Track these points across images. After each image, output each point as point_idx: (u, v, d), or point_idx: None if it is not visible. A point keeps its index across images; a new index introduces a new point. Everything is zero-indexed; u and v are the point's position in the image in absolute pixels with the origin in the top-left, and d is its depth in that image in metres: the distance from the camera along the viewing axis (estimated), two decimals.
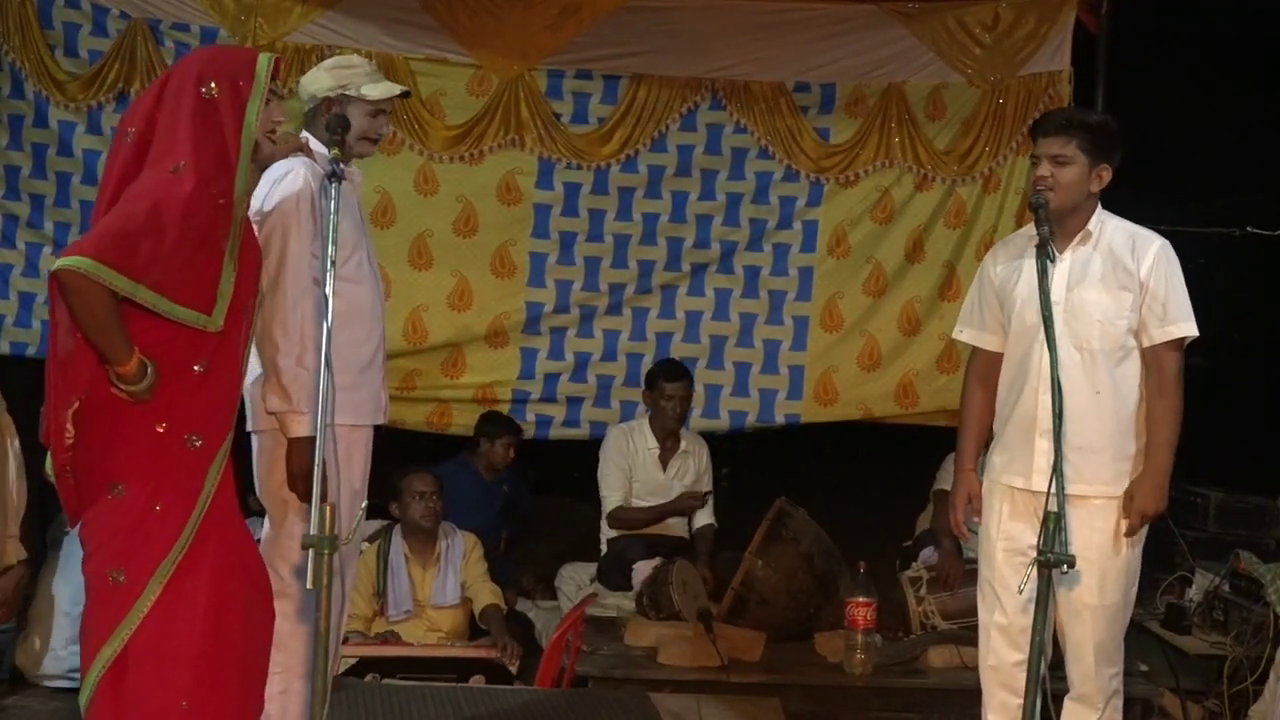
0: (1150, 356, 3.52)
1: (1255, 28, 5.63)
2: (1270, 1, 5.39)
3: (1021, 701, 3.26)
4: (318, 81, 3.57)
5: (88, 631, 3.04)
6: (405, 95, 3.73)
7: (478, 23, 5.74)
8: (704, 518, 5.70)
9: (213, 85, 3.07)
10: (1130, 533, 3.49)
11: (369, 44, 5.70)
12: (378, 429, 3.70)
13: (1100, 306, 3.50)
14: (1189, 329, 3.50)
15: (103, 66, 5.63)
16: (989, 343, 3.74)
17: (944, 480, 5.54)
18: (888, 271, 5.95)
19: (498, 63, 5.80)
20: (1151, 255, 3.50)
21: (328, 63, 3.66)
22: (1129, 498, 3.49)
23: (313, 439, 3.28)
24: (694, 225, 5.97)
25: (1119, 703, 3.61)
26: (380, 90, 3.56)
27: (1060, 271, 3.50)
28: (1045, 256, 3.33)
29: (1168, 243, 3.56)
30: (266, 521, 3.54)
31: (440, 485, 5.19)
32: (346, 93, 3.53)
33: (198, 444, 3.06)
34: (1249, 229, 5.71)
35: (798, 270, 5.99)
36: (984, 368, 3.76)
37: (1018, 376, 3.59)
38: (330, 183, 3.14)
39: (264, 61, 3.15)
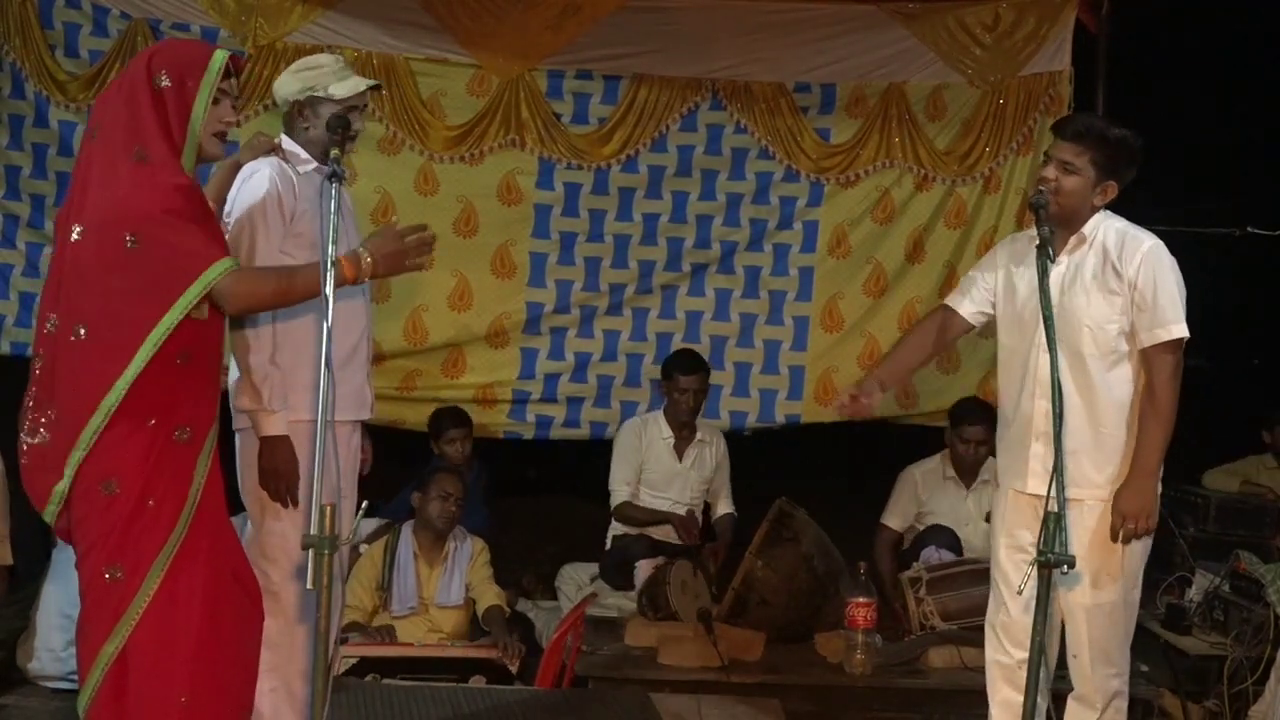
0: (1143, 359, 3.50)
1: (1255, 28, 5.63)
2: (1270, 1, 5.39)
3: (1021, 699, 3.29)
4: (286, 86, 3.56)
5: (86, 632, 3.04)
6: (375, 88, 3.69)
7: (478, 23, 5.74)
8: (724, 506, 5.71)
9: (162, 75, 3.08)
10: (1114, 537, 3.46)
11: (369, 44, 5.71)
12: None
13: (1090, 311, 3.49)
14: (1178, 331, 3.45)
15: (103, 66, 5.63)
16: (963, 306, 3.73)
17: (890, 517, 5.62)
18: (888, 272, 5.95)
19: (498, 63, 5.80)
20: (1139, 257, 3.47)
21: (295, 65, 3.63)
22: (1114, 500, 3.48)
23: (284, 438, 3.33)
24: (694, 225, 5.98)
25: (1122, 704, 3.60)
26: (346, 88, 3.52)
27: (1054, 275, 3.49)
28: (1045, 257, 3.33)
29: (1159, 243, 3.52)
30: (248, 521, 3.52)
31: (465, 493, 5.21)
32: (314, 94, 3.51)
33: (186, 436, 3.07)
34: (1249, 229, 5.71)
35: (798, 270, 5.99)
36: (941, 319, 3.79)
37: (1015, 380, 3.59)
38: (331, 183, 3.14)
39: (218, 58, 3.14)
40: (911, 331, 3.85)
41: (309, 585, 2.84)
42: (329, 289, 3.00)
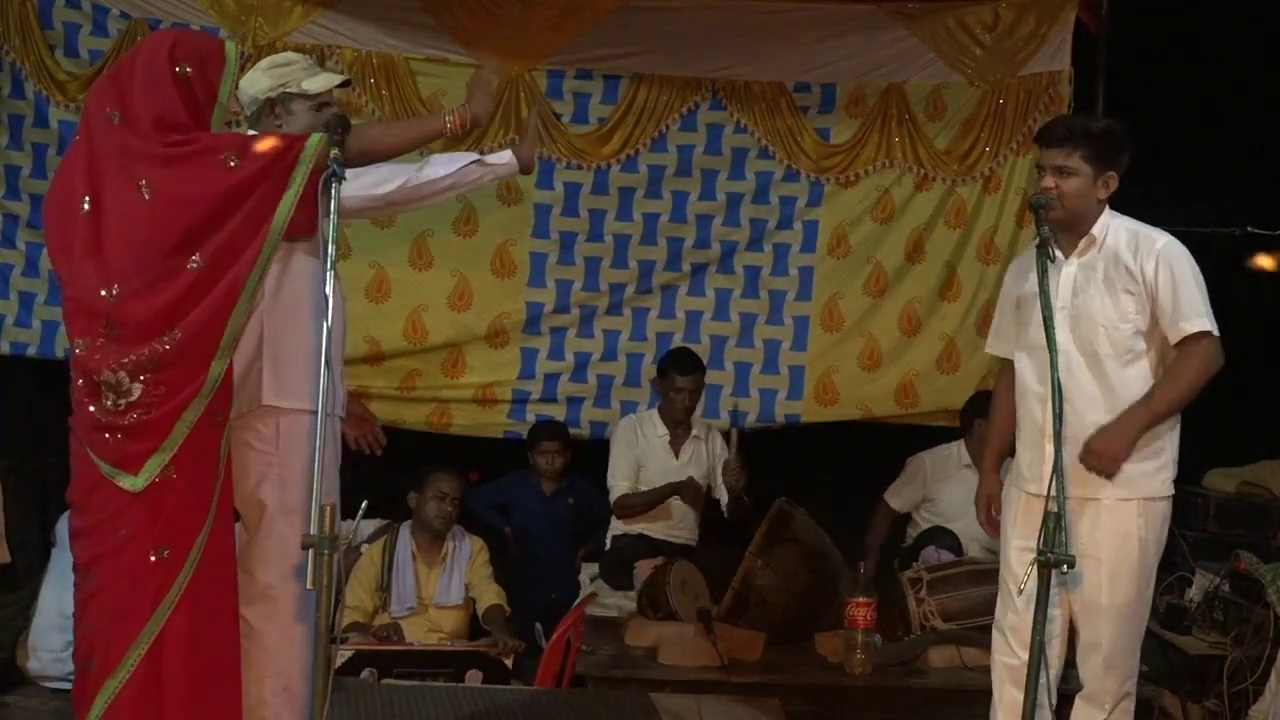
0: (1176, 351, 3.51)
1: (1255, 27, 5.62)
2: (1270, 1, 5.38)
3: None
4: (256, 84, 3.49)
5: (122, 619, 3.04)
6: (345, 84, 3.67)
7: (478, 23, 5.74)
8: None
9: (185, 65, 3.15)
10: (1084, 460, 3.46)
11: (369, 44, 5.72)
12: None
13: (1104, 311, 3.50)
14: (1201, 324, 3.44)
15: (103, 66, 5.61)
16: (1009, 353, 3.77)
17: (894, 496, 5.64)
18: (888, 271, 5.96)
19: (498, 63, 5.80)
20: (1155, 257, 3.47)
21: (263, 63, 3.56)
22: (1089, 438, 3.48)
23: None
24: (694, 225, 5.98)
25: (1130, 705, 3.61)
26: (319, 83, 3.48)
27: (1066, 277, 3.50)
28: (1045, 257, 3.34)
29: (1173, 240, 3.53)
30: (240, 526, 3.42)
31: (463, 492, 5.20)
32: (287, 90, 3.46)
33: (218, 419, 3.13)
34: (1249, 229, 5.71)
35: (798, 270, 5.99)
36: (1002, 376, 3.83)
37: (1030, 383, 3.61)
38: (331, 182, 3.12)
39: (232, 48, 3.26)
40: (994, 404, 3.88)
41: (309, 585, 2.83)
42: (328, 288, 2.99)
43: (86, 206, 3.11)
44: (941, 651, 4.65)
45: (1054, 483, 3.13)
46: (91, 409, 3.07)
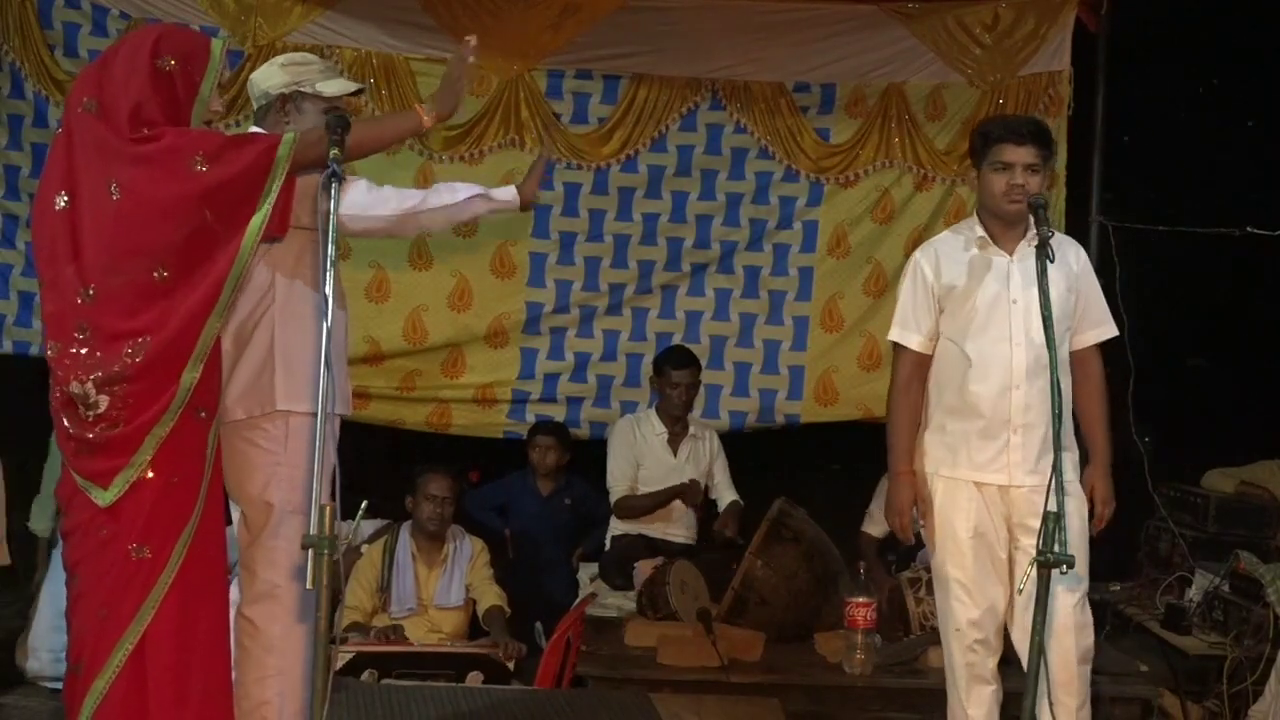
0: (1082, 357, 3.71)
1: (1256, 27, 5.63)
2: (1271, 1, 5.39)
3: (994, 689, 3.67)
4: (271, 78, 3.46)
5: (108, 618, 3.03)
6: (359, 93, 3.66)
7: (478, 23, 5.73)
8: (728, 495, 5.70)
9: (168, 59, 3.12)
10: (1100, 522, 3.65)
11: (369, 44, 5.72)
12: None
13: (1057, 304, 3.55)
14: (1113, 330, 3.73)
15: None
16: (927, 346, 3.82)
17: (870, 524, 5.61)
18: (888, 271, 5.96)
19: (498, 63, 5.80)
20: (1083, 258, 3.72)
21: (281, 58, 3.54)
22: (1092, 489, 3.66)
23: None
24: (694, 225, 5.98)
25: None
26: (335, 88, 3.47)
27: (1013, 271, 3.61)
28: (1045, 257, 3.36)
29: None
30: (241, 527, 3.41)
31: (457, 492, 5.20)
32: (301, 89, 3.43)
33: (203, 416, 3.12)
34: (1249, 229, 5.70)
35: (798, 270, 5.99)
36: (918, 370, 3.84)
37: (981, 374, 3.62)
38: (331, 182, 3.12)
39: (217, 45, 3.22)
40: (902, 400, 3.88)
41: (308, 585, 2.83)
42: (328, 288, 2.99)
43: (62, 204, 3.08)
44: (941, 651, 4.65)
45: (1053, 483, 3.14)
46: (64, 417, 3.07)
